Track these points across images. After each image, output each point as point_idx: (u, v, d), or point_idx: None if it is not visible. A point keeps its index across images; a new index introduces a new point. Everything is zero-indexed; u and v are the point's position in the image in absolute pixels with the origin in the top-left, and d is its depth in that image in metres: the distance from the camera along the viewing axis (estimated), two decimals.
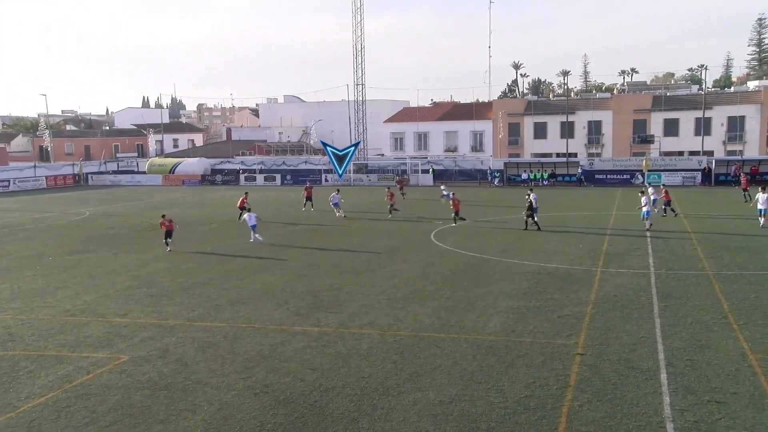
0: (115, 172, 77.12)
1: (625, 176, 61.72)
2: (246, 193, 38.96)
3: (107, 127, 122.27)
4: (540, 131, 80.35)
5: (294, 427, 11.17)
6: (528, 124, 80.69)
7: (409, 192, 53.55)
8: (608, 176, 62.56)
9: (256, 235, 30.11)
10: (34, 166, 73.48)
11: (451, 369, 13.75)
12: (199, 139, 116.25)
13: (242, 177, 69.91)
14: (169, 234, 28.69)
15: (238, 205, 37.55)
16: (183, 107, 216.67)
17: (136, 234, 33.86)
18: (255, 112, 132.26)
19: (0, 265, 25.83)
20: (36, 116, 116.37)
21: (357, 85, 73.70)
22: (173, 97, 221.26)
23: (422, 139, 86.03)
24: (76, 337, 16.32)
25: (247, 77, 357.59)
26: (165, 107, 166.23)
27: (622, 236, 30.20)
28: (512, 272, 23.00)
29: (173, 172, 72.49)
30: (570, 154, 71.29)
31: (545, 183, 62.28)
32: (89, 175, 73.83)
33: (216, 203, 49.54)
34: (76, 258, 27.21)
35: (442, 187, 51.53)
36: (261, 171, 71.27)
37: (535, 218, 32.60)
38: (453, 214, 35.18)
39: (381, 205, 46.15)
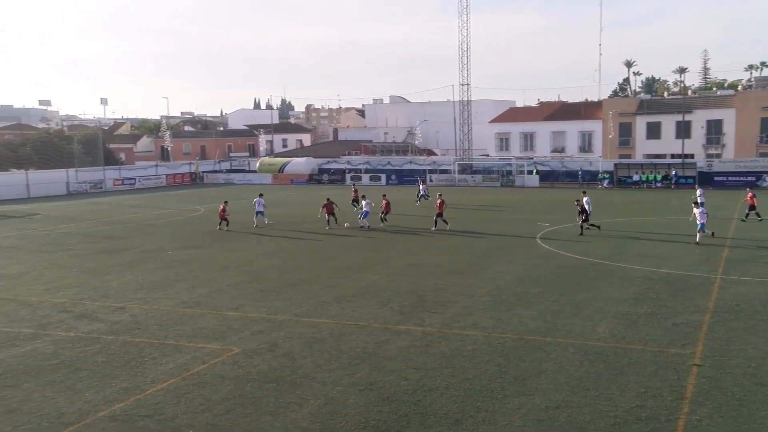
0: (228, 171, 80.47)
1: (749, 178, 58.07)
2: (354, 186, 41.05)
3: (221, 128, 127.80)
4: (653, 131, 76.94)
5: (397, 425, 11.29)
6: (640, 123, 77.48)
7: (514, 193, 52.73)
8: (729, 178, 59.10)
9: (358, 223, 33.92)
10: (156, 165, 77.91)
11: (557, 374, 13.45)
12: (307, 139, 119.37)
13: (348, 176, 71.18)
14: (223, 219, 34.91)
15: (352, 198, 42.13)
16: (292, 108, 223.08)
17: (245, 231, 35.21)
18: (361, 112, 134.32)
19: (127, 258, 27.60)
20: (158, 118, 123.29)
21: (462, 85, 73.30)
22: (283, 98, 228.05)
23: (528, 140, 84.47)
24: (193, 329, 17.19)
25: (353, 79, 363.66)
26: (275, 108, 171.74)
27: (745, 242, 28.45)
28: (621, 277, 22.19)
29: (282, 172, 74.80)
30: (686, 155, 67.87)
31: (658, 185, 59.63)
32: (204, 174, 77.44)
33: (321, 203, 50.72)
34: (191, 253, 28.64)
35: (421, 186, 50.10)
36: (366, 171, 72.29)
37: (588, 222, 31.51)
38: (435, 215, 34.41)
39: (484, 206, 45.76)
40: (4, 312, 19.16)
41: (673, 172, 60.09)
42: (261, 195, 38.28)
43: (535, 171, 66.64)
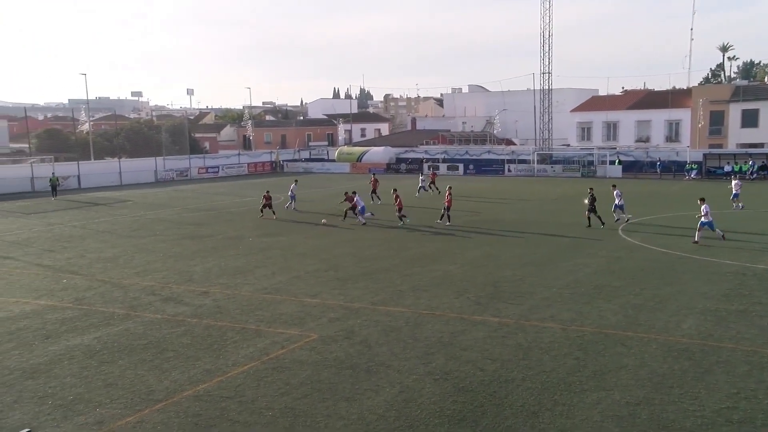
0: (307, 160, 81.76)
1: None
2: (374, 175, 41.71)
3: (301, 118, 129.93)
4: (750, 119, 73.00)
5: (473, 416, 11.25)
6: (734, 111, 73.69)
7: (596, 184, 51.22)
8: None
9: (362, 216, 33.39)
10: (238, 154, 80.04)
11: (639, 370, 13.06)
12: (385, 129, 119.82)
13: (425, 166, 71.10)
14: (267, 206, 35.87)
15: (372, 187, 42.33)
16: (370, 98, 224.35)
17: (327, 219, 35.71)
18: (439, 102, 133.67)
19: (210, 244, 28.55)
20: (241, 108, 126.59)
21: (543, 73, 71.77)
22: (362, 88, 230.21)
23: (611, 129, 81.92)
24: (272, 314, 17.62)
25: (432, 68, 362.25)
26: (354, 98, 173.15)
27: None
28: (709, 271, 21.29)
29: (360, 161, 75.39)
30: None
31: (753, 176, 56.71)
32: (284, 163, 78.97)
33: (401, 192, 50.84)
34: (271, 240, 29.32)
35: (421, 177, 47.87)
36: (444, 160, 71.96)
37: (597, 213, 30.46)
38: (443, 209, 33.41)
39: (565, 196, 44.76)
40: (100, 293, 20.20)
41: (752, 163, 56.80)
42: (296, 181, 40.09)
43: (617, 161, 64.64)
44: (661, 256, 23.96)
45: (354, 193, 34.65)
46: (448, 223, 32.54)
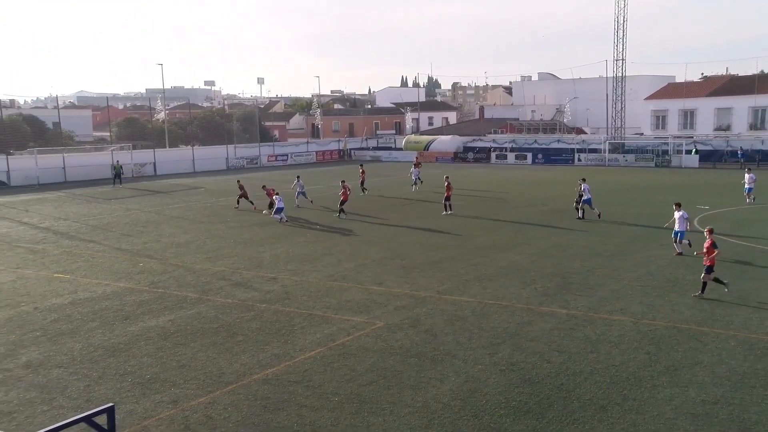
0: (374, 148, 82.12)
1: None
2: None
3: (369, 106, 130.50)
4: None
5: (539, 408, 11.13)
6: None
7: (670, 174, 49.66)
8: None
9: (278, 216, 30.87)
10: (307, 142, 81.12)
11: (716, 367, 12.62)
12: (452, 117, 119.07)
13: (493, 155, 70.32)
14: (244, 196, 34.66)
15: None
16: (438, 86, 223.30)
17: (389, 207, 35.85)
18: (508, 90, 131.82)
19: (278, 231, 29.09)
20: (310, 96, 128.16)
21: (617, 60, 69.69)
22: (430, 76, 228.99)
23: (688, 117, 78.95)
24: (339, 301, 17.85)
25: (501, 56, 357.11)
26: (422, 86, 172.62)
27: None
28: None
29: (427, 149, 75.18)
30: None
31: None
32: (352, 151, 79.55)
33: (466, 181, 50.56)
34: (338, 228, 29.61)
35: (413, 170, 44.84)
36: (512, 149, 71.00)
37: (581, 207, 30.12)
38: (444, 199, 32.84)
39: (637, 187, 43.49)
40: (174, 277, 20.91)
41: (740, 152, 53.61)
42: (298, 177, 37.35)
43: (694, 150, 62.29)
44: (742, 249, 23.01)
45: (273, 189, 33.04)
46: (449, 213, 32.53)
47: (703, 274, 17.36)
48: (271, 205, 32.38)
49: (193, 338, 15.02)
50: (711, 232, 18.01)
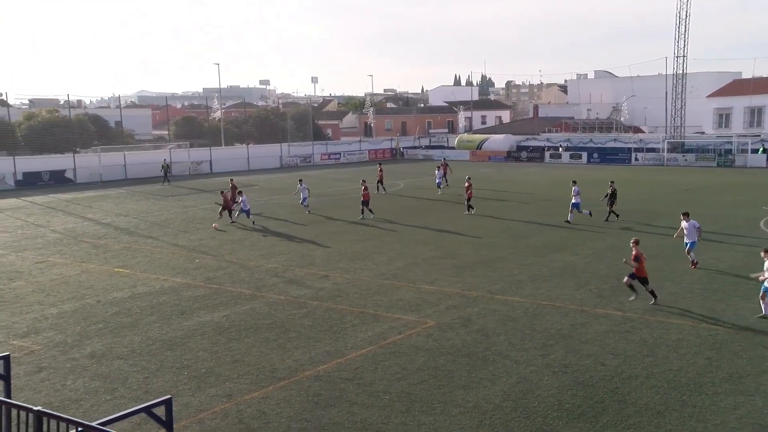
0: (427, 147, 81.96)
1: None
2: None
3: (422, 105, 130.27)
4: None
5: (593, 411, 10.93)
6: None
7: (734, 174, 48.02)
8: None
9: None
10: (360, 141, 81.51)
11: None
12: (506, 116, 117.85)
13: (547, 154, 69.34)
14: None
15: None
16: (492, 85, 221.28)
17: (441, 206, 35.72)
18: (563, 88, 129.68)
19: (330, 229, 29.33)
20: (363, 95, 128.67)
21: (677, 57, 67.75)
22: (483, 74, 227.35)
23: (755, 115, 76.11)
24: (390, 299, 17.89)
25: (556, 54, 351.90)
26: (475, 85, 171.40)
27: None
28: None
29: (480, 148, 74.63)
30: None
31: None
32: (404, 150, 79.57)
33: (519, 180, 50.00)
34: (389, 226, 29.67)
35: (437, 171, 43.53)
36: (567, 148, 69.86)
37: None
38: (466, 201, 32.45)
39: (698, 187, 42.25)
40: (228, 273, 21.31)
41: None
42: (301, 181, 35.03)
43: (761, 149, 60.07)
44: None
45: (240, 192, 31.10)
46: (470, 212, 32.28)
47: (626, 277, 17.05)
48: (227, 210, 30.32)
49: (247, 334, 15.28)
50: (637, 243, 17.24)
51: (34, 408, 5.73)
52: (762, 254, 15.89)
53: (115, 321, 16.37)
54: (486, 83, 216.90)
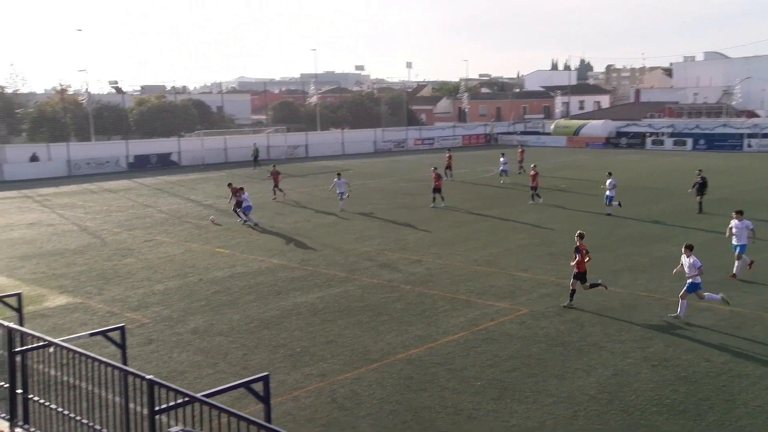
0: (522, 133, 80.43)
1: None
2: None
3: (517, 90, 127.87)
4: None
5: (697, 409, 10.48)
6: None
7: None
8: None
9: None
10: (453, 126, 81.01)
11: None
12: (605, 101, 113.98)
13: (649, 140, 66.55)
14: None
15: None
16: (590, 69, 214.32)
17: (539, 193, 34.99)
18: (668, 71, 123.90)
19: (423, 215, 29.36)
20: (457, 80, 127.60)
21: None
22: (582, 59, 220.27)
23: None
24: (482, 286, 17.75)
25: (661, 36, 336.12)
26: (573, 69, 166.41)
27: None
28: None
29: (577, 134, 72.54)
30: None
31: None
32: (499, 135, 78.43)
33: (618, 168, 48.32)
34: (482, 212, 29.37)
35: (501, 159, 40.41)
36: (671, 134, 66.79)
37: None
38: (530, 188, 31.47)
39: None
40: (323, 256, 21.76)
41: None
42: (339, 175, 31.69)
43: None
44: None
45: (241, 188, 28.40)
46: (537, 202, 31.21)
47: (571, 280, 15.92)
48: (239, 204, 27.88)
49: (340, 315, 15.57)
50: (581, 237, 16.12)
51: (146, 377, 6.07)
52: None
53: (216, 299, 17.07)
54: (584, 67, 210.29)
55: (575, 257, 15.79)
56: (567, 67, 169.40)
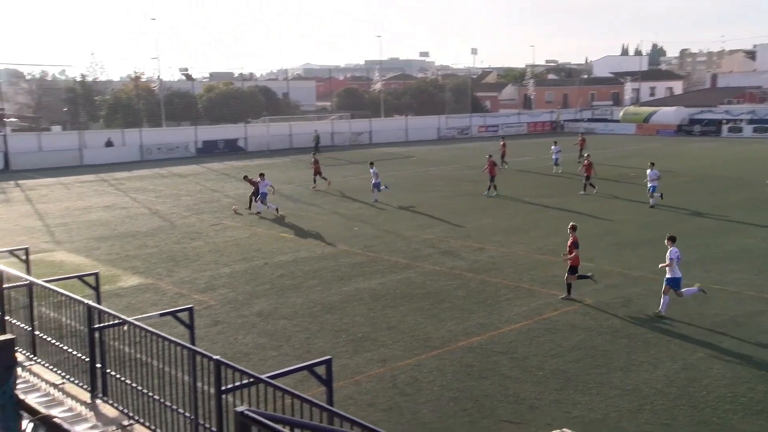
0: (589, 120, 78.59)
1: None
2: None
3: (585, 76, 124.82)
4: None
5: None
6: None
7: None
8: None
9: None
10: (518, 113, 79.83)
11: None
12: (678, 87, 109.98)
13: (725, 128, 63.95)
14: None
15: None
16: (663, 54, 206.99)
17: (604, 182, 34.17)
18: (750, 54, 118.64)
19: (486, 203, 29.09)
20: (523, 66, 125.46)
21: None
22: (654, 43, 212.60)
23: None
24: (546, 275, 17.50)
25: (743, 16, 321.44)
26: (644, 54, 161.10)
27: None
28: None
29: (647, 121, 70.35)
30: None
31: None
32: (565, 122, 76.84)
33: (690, 156, 46.66)
34: (546, 201, 28.85)
35: (552, 148, 38.50)
36: (750, 121, 63.97)
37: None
38: (584, 178, 30.34)
39: None
40: (385, 242, 21.85)
41: None
42: (372, 164, 30.79)
43: None
44: None
45: (261, 175, 27.36)
46: (587, 192, 30.14)
47: (566, 275, 15.47)
48: (256, 192, 27.24)
49: (402, 302, 15.63)
50: (574, 229, 15.72)
51: (214, 357, 6.25)
52: (666, 242, 14.41)
53: (280, 283, 17.39)
54: (656, 52, 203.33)
55: (572, 252, 15.39)
56: (638, 53, 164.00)
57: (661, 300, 14.13)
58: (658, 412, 10.04)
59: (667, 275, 14.00)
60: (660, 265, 14.43)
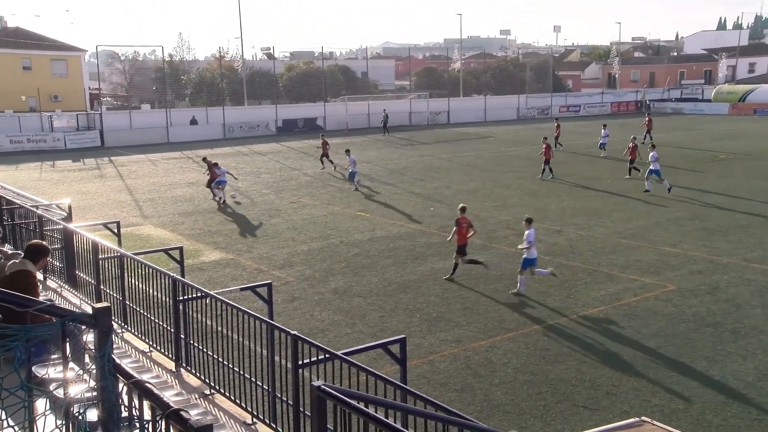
0: (677, 100, 75.39)
1: None
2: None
3: (674, 53, 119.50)
4: None
5: None
6: None
7: None
8: None
9: None
10: (602, 93, 77.37)
11: None
12: None
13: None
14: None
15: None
16: None
17: (692, 165, 32.81)
18: None
19: (566, 183, 28.44)
20: (608, 44, 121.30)
21: None
22: (758, 14, 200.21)
23: None
24: (626, 259, 17.00)
25: None
26: (745, 28, 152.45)
27: None
28: None
29: (743, 101, 66.83)
30: None
31: None
32: (651, 102, 73.97)
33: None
34: (629, 184, 27.90)
35: (603, 132, 36.29)
36: None
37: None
38: (628, 162, 29.06)
39: None
40: None
41: None
42: (348, 151, 29.46)
43: None
44: None
45: (215, 164, 26.24)
46: (634, 176, 28.55)
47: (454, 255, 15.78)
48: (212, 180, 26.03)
49: (477, 283, 15.54)
50: (463, 210, 16.12)
51: (291, 332, 6.41)
52: (524, 224, 15.18)
53: (356, 261, 17.59)
54: (760, 24, 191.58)
55: (454, 230, 15.80)
56: (737, 26, 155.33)
57: (518, 279, 14.67)
58: (747, 406, 9.64)
59: (525, 256, 14.61)
60: (519, 246, 15.04)
